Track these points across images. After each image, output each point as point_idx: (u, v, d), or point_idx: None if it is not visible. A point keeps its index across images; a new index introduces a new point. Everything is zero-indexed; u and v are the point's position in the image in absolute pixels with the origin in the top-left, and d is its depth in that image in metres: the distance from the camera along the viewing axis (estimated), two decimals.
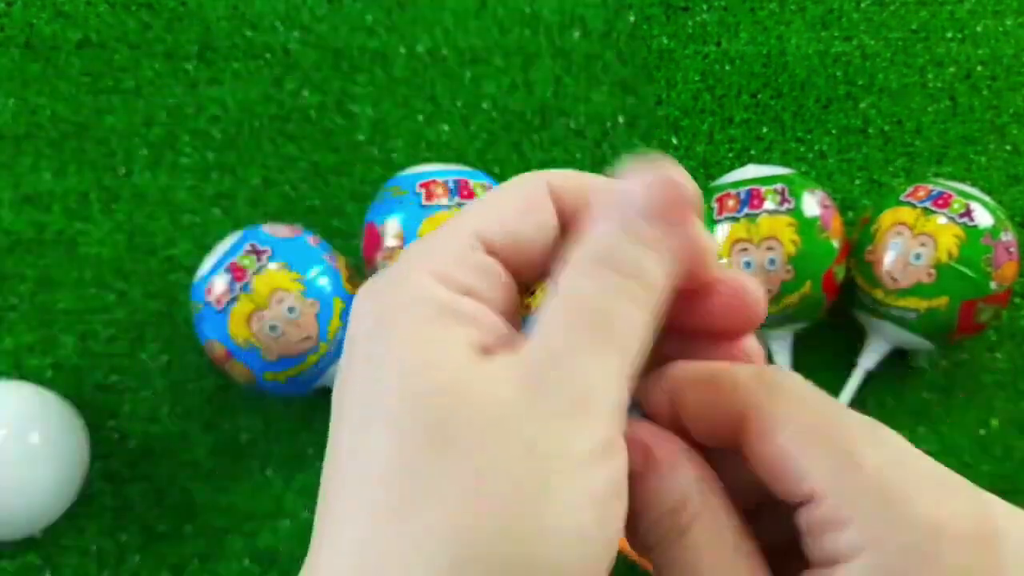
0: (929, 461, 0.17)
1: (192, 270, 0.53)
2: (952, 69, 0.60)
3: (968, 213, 0.47)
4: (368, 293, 0.19)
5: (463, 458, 0.16)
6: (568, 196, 0.20)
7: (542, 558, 0.15)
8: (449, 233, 0.19)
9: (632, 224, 0.18)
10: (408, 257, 0.19)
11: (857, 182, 0.57)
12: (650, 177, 0.18)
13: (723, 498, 0.19)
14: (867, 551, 0.16)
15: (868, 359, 0.51)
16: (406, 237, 0.46)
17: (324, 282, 0.46)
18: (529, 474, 0.16)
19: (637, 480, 0.19)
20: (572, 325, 0.17)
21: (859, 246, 0.50)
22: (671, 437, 0.20)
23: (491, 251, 0.19)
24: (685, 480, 0.19)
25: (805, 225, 0.47)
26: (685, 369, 0.20)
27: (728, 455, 0.19)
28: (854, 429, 0.18)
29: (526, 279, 0.20)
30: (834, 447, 0.17)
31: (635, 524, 0.19)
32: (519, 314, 0.20)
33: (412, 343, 0.17)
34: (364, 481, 0.16)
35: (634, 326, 0.18)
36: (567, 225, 0.20)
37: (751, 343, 0.21)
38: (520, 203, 0.20)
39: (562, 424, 0.16)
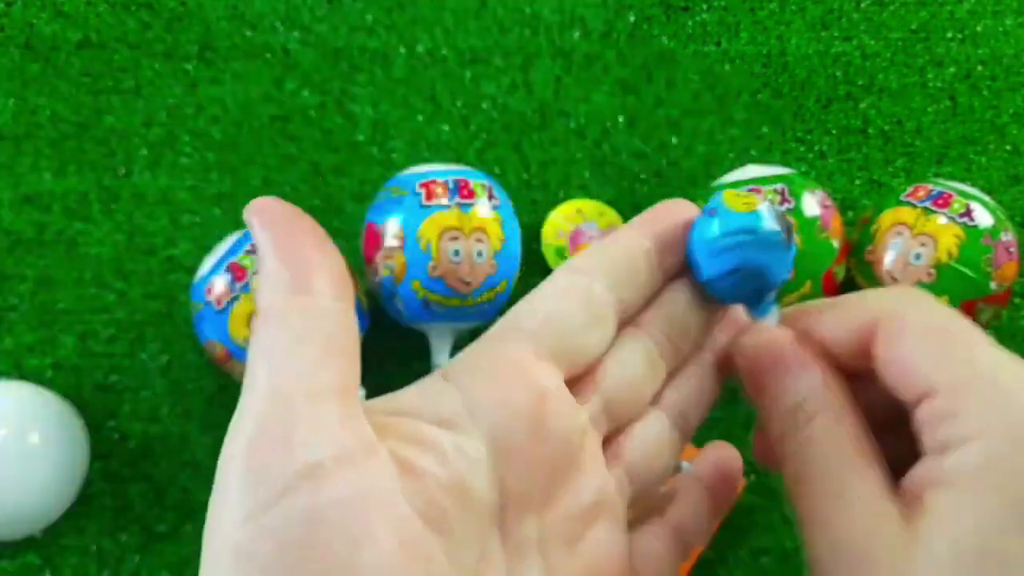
0: None
1: (192, 270, 0.53)
2: (952, 69, 0.60)
3: (968, 213, 0.47)
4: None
5: None
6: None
7: None
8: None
9: None
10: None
11: (857, 182, 0.57)
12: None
13: (847, 403, 0.21)
14: (980, 436, 0.18)
15: None
16: (406, 237, 0.46)
17: None
18: None
19: (769, 376, 0.21)
20: None
21: (859, 246, 0.50)
22: (804, 344, 0.22)
23: None
24: (809, 380, 0.21)
25: (805, 225, 0.47)
26: (811, 304, 0.22)
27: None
28: (973, 336, 0.20)
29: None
30: (953, 347, 0.19)
31: (766, 417, 0.21)
32: None
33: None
34: None
35: None
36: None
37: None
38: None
39: None
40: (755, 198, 0.23)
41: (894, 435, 0.21)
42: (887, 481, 0.19)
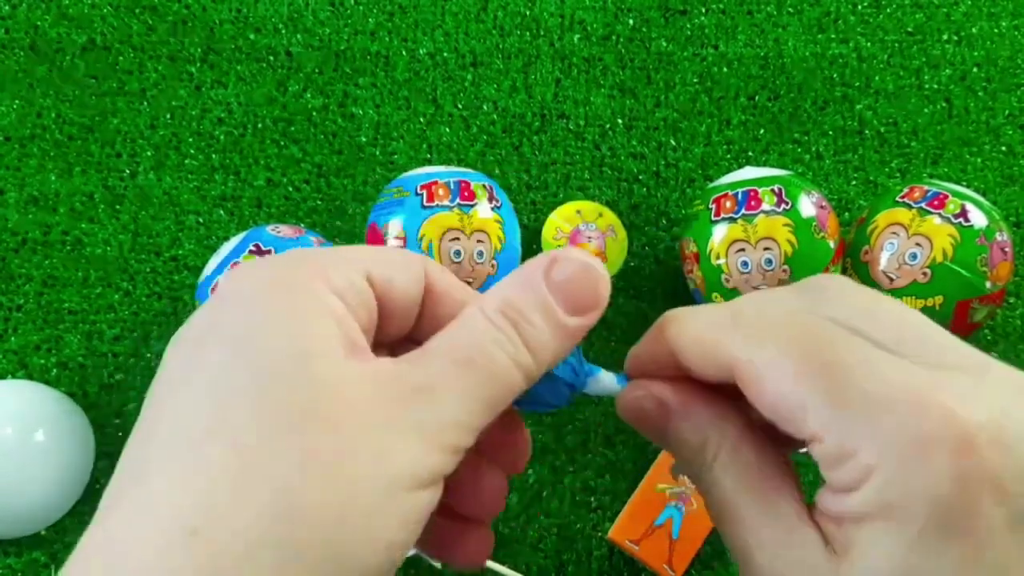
0: (911, 364, 0.18)
1: (197, 270, 0.54)
2: (948, 71, 0.60)
3: (963, 214, 0.47)
4: (265, 266, 0.20)
5: (313, 446, 0.17)
6: (436, 284, 0.22)
7: (350, 559, 0.17)
8: (343, 257, 0.20)
9: (550, 299, 0.20)
10: (307, 257, 0.20)
11: (853, 183, 0.58)
12: (583, 263, 0.20)
13: (742, 428, 0.21)
14: (875, 473, 0.17)
15: None
16: (408, 238, 0.46)
17: None
18: (369, 484, 0.17)
19: (664, 426, 0.21)
20: (454, 361, 0.19)
21: (855, 246, 0.50)
22: (683, 385, 0.21)
23: (370, 283, 0.20)
24: (700, 422, 0.21)
25: (802, 226, 0.47)
26: (684, 325, 0.21)
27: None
28: (839, 351, 0.18)
29: (387, 328, 0.21)
30: (821, 384, 0.18)
31: (678, 459, 0.21)
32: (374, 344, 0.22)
33: (291, 325, 0.18)
34: (213, 438, 0.17)
35: (507, 383, 0.19)
36: (426, 307, 0.22)
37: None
38: (404, 261, 0.21)
39: (409, 449, 0.18)
40: None
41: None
42: (801, 505, 0.20)
